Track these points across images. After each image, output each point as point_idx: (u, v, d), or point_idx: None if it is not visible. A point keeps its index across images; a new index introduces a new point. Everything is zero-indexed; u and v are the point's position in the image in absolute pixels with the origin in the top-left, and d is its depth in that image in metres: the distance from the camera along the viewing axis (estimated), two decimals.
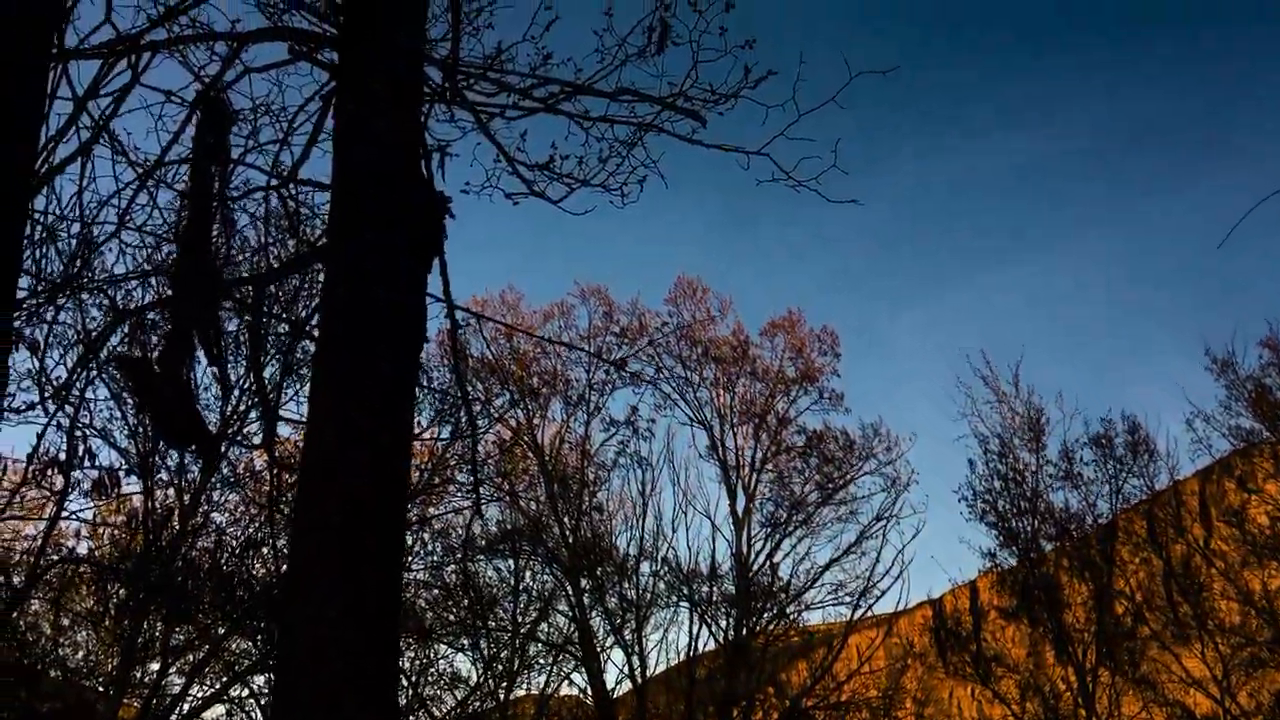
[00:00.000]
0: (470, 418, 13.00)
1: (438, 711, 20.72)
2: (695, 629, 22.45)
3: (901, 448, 24.12)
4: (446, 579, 21.01)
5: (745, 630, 22.42)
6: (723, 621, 22.60)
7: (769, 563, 23.02)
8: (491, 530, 21.96)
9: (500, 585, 22.08)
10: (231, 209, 6.85)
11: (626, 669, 22.31)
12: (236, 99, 6.65)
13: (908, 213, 55.98)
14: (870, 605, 23.30)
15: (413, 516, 17.62)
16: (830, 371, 24.81)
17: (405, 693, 19.01)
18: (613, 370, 22.99)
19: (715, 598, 22.60)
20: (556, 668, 22.45)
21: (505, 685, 21.44)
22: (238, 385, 13.39)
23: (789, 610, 23.12)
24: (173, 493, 14.35)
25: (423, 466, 17.92)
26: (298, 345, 9.87)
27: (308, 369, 12.58)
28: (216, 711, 16.50)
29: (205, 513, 14.86)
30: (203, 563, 14.47)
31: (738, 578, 22.70)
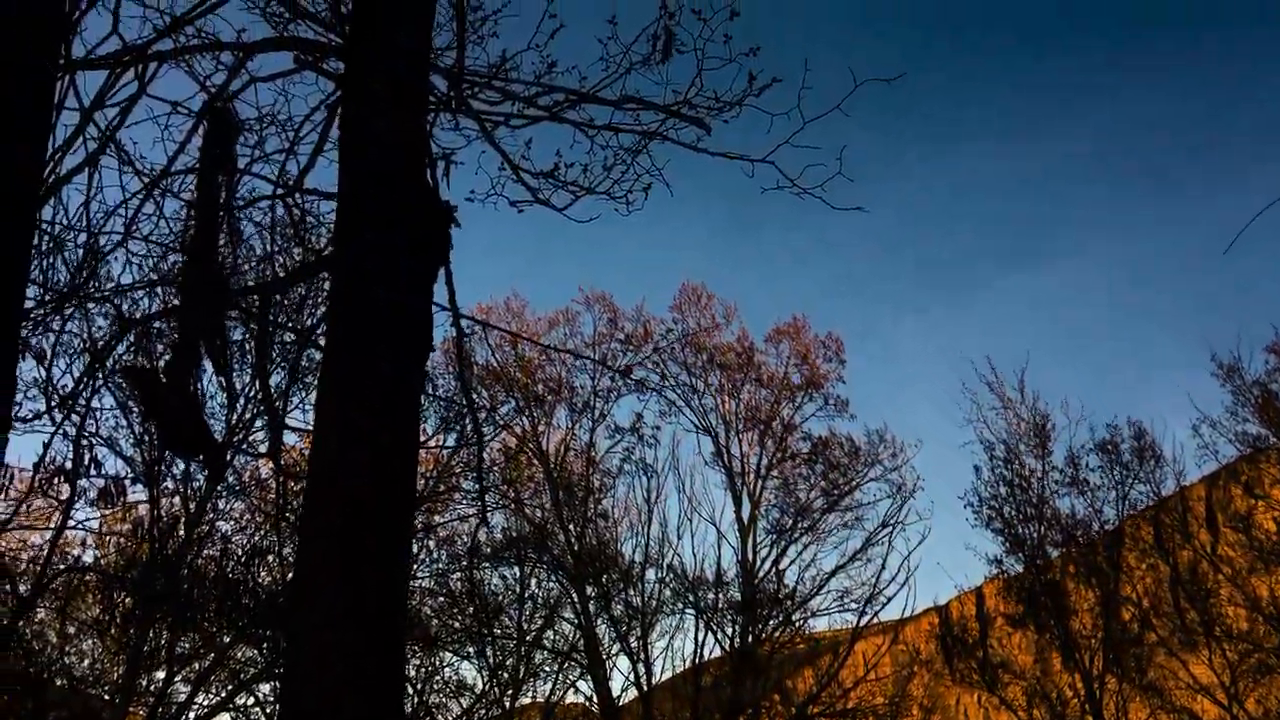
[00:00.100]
0: (476, 425, 13.00)
1: (444, 719, 20.72)
2: (701, 636, 22.45)
3: (907, 454, 24.12)
4: (452, 586, 21.02)
5: (751, 637, 22.39)
6: (728, 628, 22.59)
7: (774, 569, 23.00)
8: (497, 537, 21.97)
9: (506, 593, 22.08)
10: (238, 218, 6.86)
11: (632, 676, 22.31)
12: (243, 109, 6.66)
13: (912, 218, 56.05)
14: (876, 612, 23.27)
15: (418, 524, 17.62)
16: (835, 378, 24.82)
17: (411, 700, 18.99)
18: (617, 377, 22.99)
19: (721, 605, 22.58)
20: (562, 675, 22.44)
21: (511, 693, 21.42)
22: (243, 394, 13.41)
23: (795, 617, 23.08)
24: (178, 501, 14.37)
25: (428, 474, 17.93)
26: (304, 353, 9.87)
27: (314, 377, 12.59)
28: (222, 719, 16.49)
29: (211, 521, 14.88)
30: (208, 571, 14.48)
31: (743, 584, 22.66)
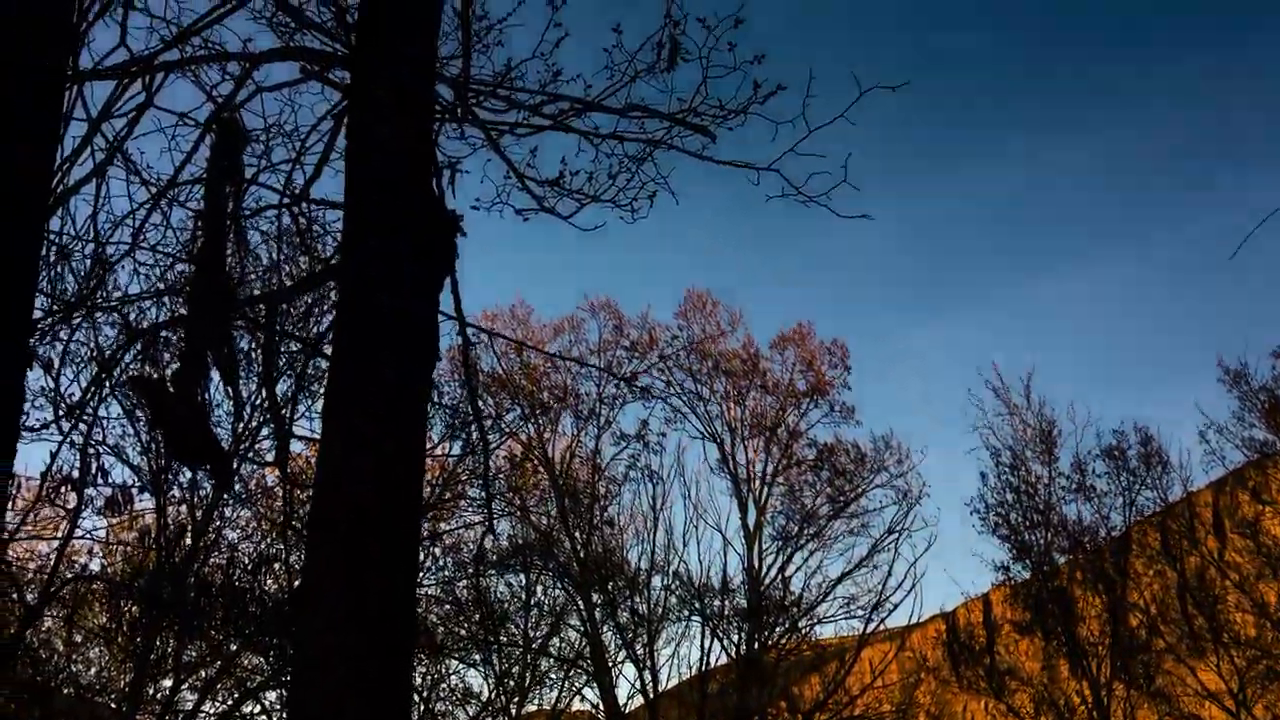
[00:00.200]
0: (481, 433, 12.99)
1: None
2: (707, 643, 22.44)
3: (913, 460, 24.12)
4: (458, 594, 21.01)
5: (757, 644, 22.36)
6: (734, 635, 22.56)
7: (781, 576, 22.98)
8: (503, 545, 21.98)
9: (512, 600, 22.10)
10: (245, 228, 6.89)
11: (638, 684, 22.30)
12: (249, 119, 6.68)
13: (919, 225, 55.99)
14: (883, 619, 23.26)
15: (424, 531, 17.63)
16: (841, 384, 24.81)
17: (417, 708, 18.98)
18: (623, 385, 23.00)
19: (727, 612, 22.55)
20: (568, 683, 22.45)
21: (517, 700, 21.42)
22: (249, 402, 13.43)
23: (801, 624, 23.07)
24: (185, 509, 14.40)
25: (434, 482, 17.94)
26: (310, 362, 9.90)
27: (320, 386, 12.61)
28: None
29: (217, 529, 14.91)
30: (215, 579, 14.49)
31: (749, 591, 22.65)
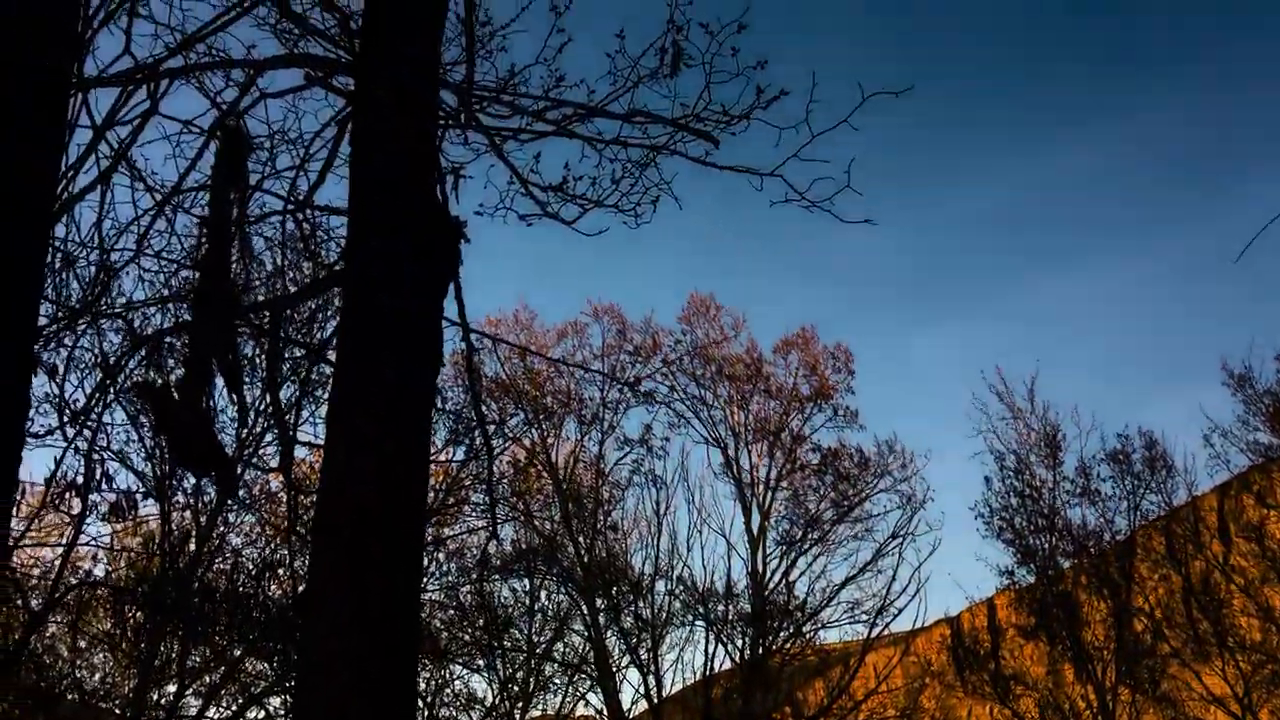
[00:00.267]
0: (485, 438, 12.99)
1: None
2: (711, 648, 22.39)
3: (917, 464, 24.07)
4: (462, 599, 21.01)
5: (761, 649, 22.33)
6: (739, 640, 22.53)
7: (785, 581, 22.95)
8: (507, 550, 21.98)
9: (516, 605, 22.07)
10: (249, 234, 6.90)
11: (642, 689, 22.26)
12: (253, 125, 6.72)
13: (923, 229, 55.93)
14: (887, 624, 23.19)
15: (428, 537, 17.64)
16: (844, 388, 24.80)
17: (421, 713, 18.97)
18: (626, 390, 23.00)
19: (731, 616, 22.53)
20: (572, 688, 22.42)
21: (521, 706, 21.39)
22: (253, 408, 13.45)
23: (805, 629, 23.02)
24: (189, 515, 14.41)
25: (438, 487, 17.95)
26: (314, 368, 9.92)
27: (324, 391, 12.64)
28: None
29: (222, 535, 14.91)
30: (219, 585, 14.50)
31: (753, 596, 22.62)
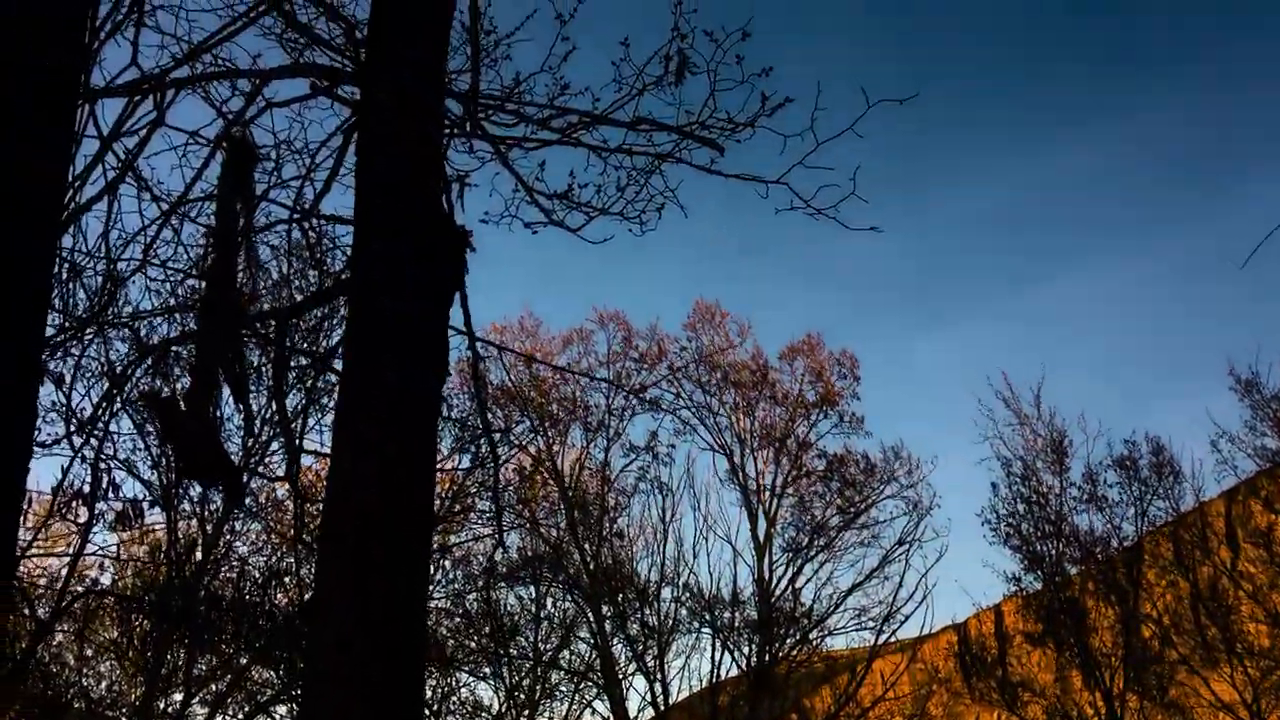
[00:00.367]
0: (491, 446, 13.01)
1: None
2: (718, 655, 22.38)
3: (923, 471, 24.06)
4: (468, 607, 21.01)
5: (768, 656, 22.29)
6: (745, 647, 22.50)
7: (791, 588, 22.93)
8: (513, 557, 21.97)
9: (521, 612, 22.04)
10: (255, 243, 6.92)
11: (649, 696, 22.24)
12: (259, 134, 6.74)
13: (928, 234, 55.93)
14: (894, 630, 23.17)
15: (434, 544, 17.63)
16: (850, 395, 24.79)
17: None
18: (632, 397, 23.02)
19: (737, 623, 22.50)
20: (578, 695, 22.38)
21: (527, 713, 21.37)
22: (259, 416, 13.47)
23: (812, 636, 22.99)
24: (195, 524, 14.42)
25: (443, 495, 17.95)
26: (320, 377, 9.94)
27: (329, 399, 12.66)
28: None
29: (228, 543, 14.93)
30: (225, 593, 14.51)
31: (760, 603, 22.59)
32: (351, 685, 4.51)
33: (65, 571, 13.60)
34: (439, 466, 16.14)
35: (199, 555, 14.21)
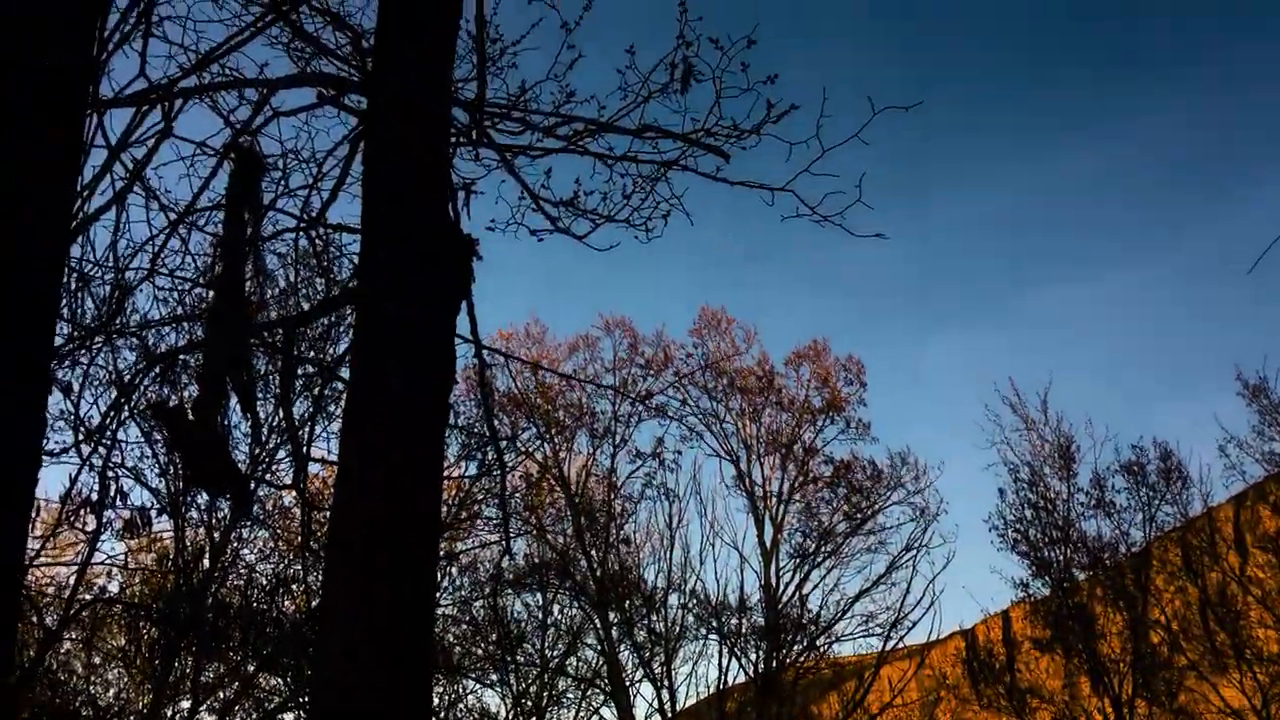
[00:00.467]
0: (498, 453, 13.02)
1: None
2: (725, 662, 22.33)
3: (930, 476, 24.03)
4: (475, 614, 21.01)
5: (775, 663, 22.24)
6: (752, 654, 22.45)
7: (798, 594, 22.89)
8: (519, 564, 21.98)
9: (528, 619, 22.05)
10: (262, 251, 6.94)
11: (656, 702, 22.20)
12: (266, 144, 6.76)
13: (932, 239, 55.82)
14: (901, 636, 23.11)
15: (441, 551, 17.64)
16: (856, 400, 24.78)
17: None
18: (638, 403, 23.02)
19: (744, 630, 22.45)
20: (585, 702, 22.37)
21: None
22: (267, 424, 13.49)
23: (819, 642, 22.93)
24: (203, 532, 14.45)
25: (450, 502, 17.97)
26: (327, 385, 9.95)
27: (336, 407, 12.68)
28: None
29: (235, 551, 14.95)
30: (233, 601, 14.53)
31: (767, 609, 22.55)
32: (358, 693, 4.52)
33: (73, 579, 13.64)
34: (445, 473, 16.17)
35: (206, 563, 14.23)
